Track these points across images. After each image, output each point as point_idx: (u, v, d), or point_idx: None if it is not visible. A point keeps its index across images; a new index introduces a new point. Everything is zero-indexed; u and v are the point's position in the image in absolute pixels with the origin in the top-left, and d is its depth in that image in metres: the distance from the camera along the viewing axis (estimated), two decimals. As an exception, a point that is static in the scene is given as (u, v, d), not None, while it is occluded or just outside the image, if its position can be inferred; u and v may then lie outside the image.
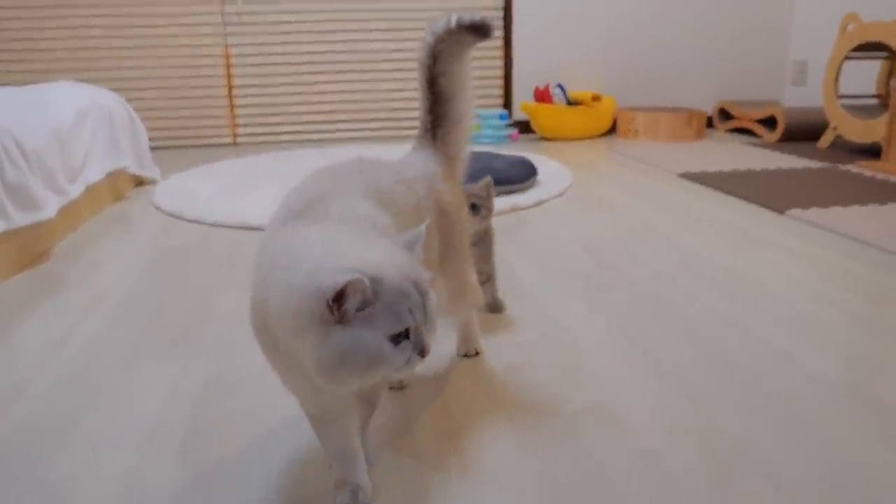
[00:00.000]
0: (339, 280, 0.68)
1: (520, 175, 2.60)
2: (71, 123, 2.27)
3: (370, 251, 0.75)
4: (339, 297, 0.69)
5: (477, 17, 1.07)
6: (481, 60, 4.15)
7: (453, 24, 1.07)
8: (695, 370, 1.25)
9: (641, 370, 1.26)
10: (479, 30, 1.09)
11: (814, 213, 2.25)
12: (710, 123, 4.35)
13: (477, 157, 2.85)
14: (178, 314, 1.57)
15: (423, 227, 0.81)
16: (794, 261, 1.84)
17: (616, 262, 1.85)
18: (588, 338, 1.40)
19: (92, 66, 3.85)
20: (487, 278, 1.51)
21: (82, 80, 3.82)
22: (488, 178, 1.41)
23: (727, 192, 2.61)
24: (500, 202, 2.44)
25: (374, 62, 4.09)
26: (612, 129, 4.22)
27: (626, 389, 1.19)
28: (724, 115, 4.29)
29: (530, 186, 2.67)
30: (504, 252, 1.93)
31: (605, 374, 1.25)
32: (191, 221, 2.36)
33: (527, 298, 1.61)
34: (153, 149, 3.93)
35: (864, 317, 1.46)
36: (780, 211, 2.32)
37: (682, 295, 1.61)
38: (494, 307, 1.53)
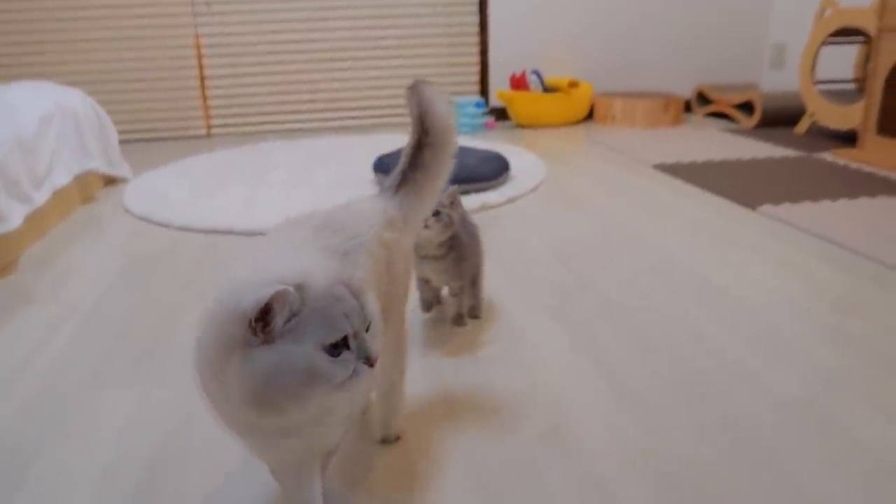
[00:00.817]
0: (262, 295, 0.62)
1: (492, 171, 2.59)
2: (34, 130, 2.23)
3: (294, 259, 0.70)
4: (264, 315, 0.63)
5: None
6: (458, 47, 4.11)
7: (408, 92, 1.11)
8: (655, 390, 1.26)
9: (601, 390, 1.26)
10: (411, 87, 1.11)
11: (784, 210, 2.26)
12: (689, 107, 4.34)
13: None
14: (144, 330, 1.56)
15: (364, 238, 0.77)
16: (764, 264, 1.84)
17: (584, 267, 1.85)
18: (550, 354, 1.40)
19: (60, 60, 3.78)
20: (456, 293, 1.51)
21: (50, 75, 3.76)
22: (454, 188, 1.40)
23: (701, 186, 2.61)
24: (471, 200, 2.42)
25: (350, 50, 4.03)
26: (590, 115, 4.20)
27: (583, 412, 1.20)
28: (703, 99, 4.28)
29: (503, 182, 2.66)
30: (473, 257, 1.92)
31: (564, 394, 1.25)
32: (159, 225, 2.34)
33: (491, 307, 1.61)
34: (125, 142, 3.88)
35: (829, 327, 1.47)
36: (752, 207, 2.32)
37: (649, 304, 1.61)
38: (458, 321, 1.53)
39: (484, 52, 4.12)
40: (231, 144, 3.74)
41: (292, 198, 2.57)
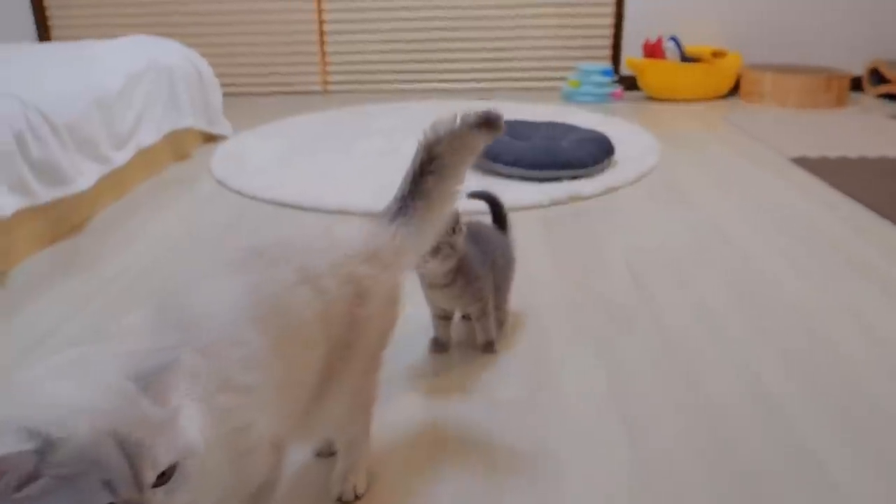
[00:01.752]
0: None
1: (588, 157, 2.29)
2: (118, 89, 2.23)
3: (62, 394, 0.56)
4: None
5: (484, 109, 0.94)
6: (590, 7, 3.75)
7: (458, 125, 0.93)
8: (691, 482, 1.00)
9: (620, 466, 1.02)
10: (488, 124, 0.94)
11: (944, 233, 1.81)
12: (859, 86, 3.70)
13: (545, 131, 2.56)
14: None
15: (175, 357, 0.60)
16: (892, 310, 1.47)
17: (658, 285, 1.57)
18: (577, 406, 1.17)
19: (176, 10, 3.84)
20: (479, 317, 1.30)
21: (163, 27, 3.83)
22: (453, 211, 1.16)
23: (842, 191, 2.17)
24: (559, 189, 2.16)
25: (473, 9, 3.80)
26: (736, 90, 3.69)
27: (589, 496, 0.97)
28: (878, 76, 3.63)
29: (602, 169, 2.36)
30: (532, 261, 1.69)
31: (575, 465, 1.03)
32: (233, 192, 2.29)
33: (530, 332, 1.39)
34: (241, 95, 3.92)
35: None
36: (902, 224, 1.89)
37: (721, 350, 1.32)
38: (487, 348, 1.32)
39: (619, 15, 3.73)
40: (343, 103, 3.67)
41: (370, 172, 2.43)
